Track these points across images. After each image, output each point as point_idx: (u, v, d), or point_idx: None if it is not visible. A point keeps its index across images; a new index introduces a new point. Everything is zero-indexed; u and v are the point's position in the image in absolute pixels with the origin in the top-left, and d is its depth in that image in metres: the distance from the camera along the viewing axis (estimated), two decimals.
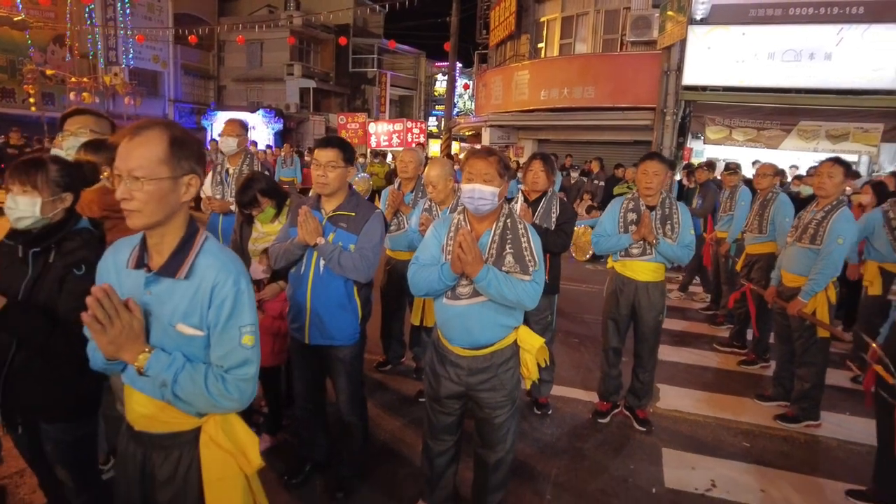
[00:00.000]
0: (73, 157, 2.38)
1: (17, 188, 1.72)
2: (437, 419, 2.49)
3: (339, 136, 3.18)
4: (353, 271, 2.52)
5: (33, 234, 1.78)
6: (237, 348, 1.36)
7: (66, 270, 1.74)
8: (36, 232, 1.78)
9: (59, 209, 1.80)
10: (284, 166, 12.02)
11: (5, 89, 23.58)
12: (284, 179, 11.41)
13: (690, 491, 3.05)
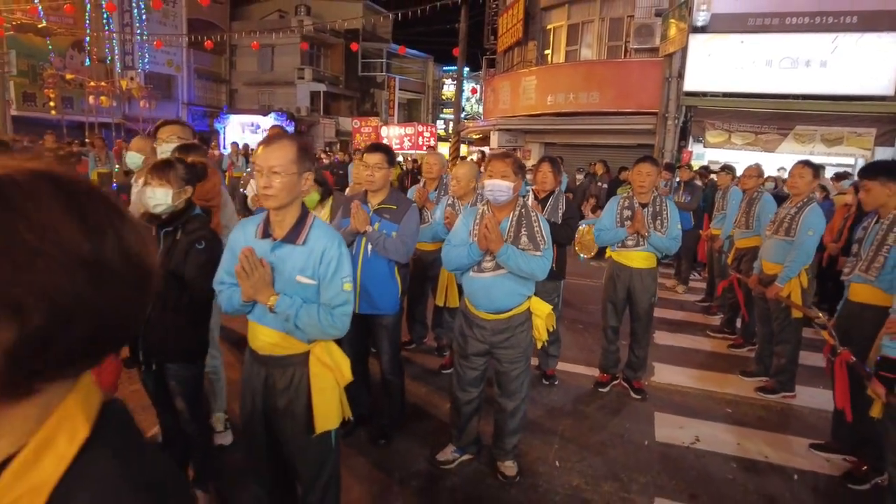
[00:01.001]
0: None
1: (155, 182, 2.28)
2: (464, 373, 3.05)
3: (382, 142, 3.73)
4: (395, 253, 3.08)
5: (164, 218, 2.35)
6: (341, 292, 1.92)
7: (190, 245, 2.30)
8: (166, 216, 2.35)
9: (183, 199, 2.37)
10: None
11: (27, 93, 24.18)
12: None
13: (678, 444, 3.59)
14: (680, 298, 7.40)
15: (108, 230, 0.56)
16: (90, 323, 0.54)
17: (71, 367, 0.56)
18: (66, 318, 0.52)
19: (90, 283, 0.53)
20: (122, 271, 0.56)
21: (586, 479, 3.14)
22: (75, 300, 0.52)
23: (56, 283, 0.51)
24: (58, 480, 0.55)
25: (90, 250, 0.53)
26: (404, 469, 3.12)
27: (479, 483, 3.05)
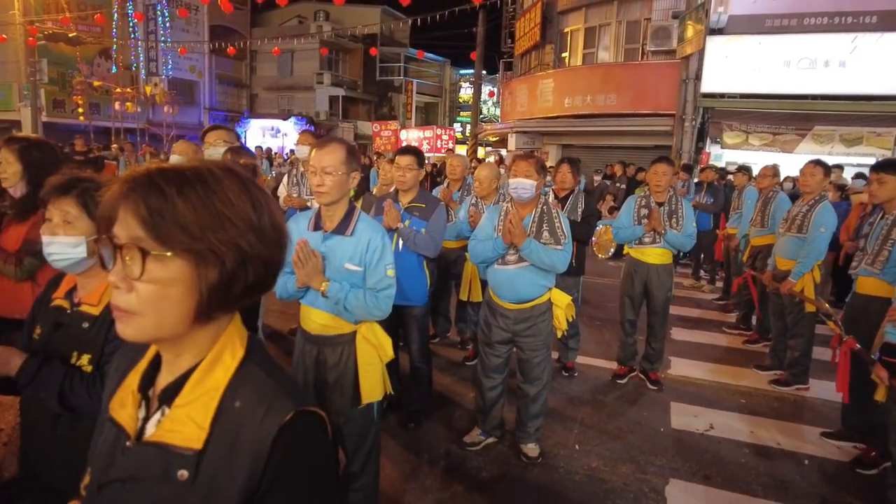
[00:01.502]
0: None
1: None
2: (489, 360, 3.26)
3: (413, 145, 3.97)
4: (424, 248, 3.30)
5: None
6: (384, 277, 2.16)
7: None
8: None
9: None
10: None
11: (57, 100, 24.89)
12: None
13: (692, 431, 3.76)
14: (697, 296, 7.53)
15: (264, 206, 0.79)
16: (256, 269, 0.78)
17: (237, 302, 0.80)
18: (244, 264, 0.76)
19: (257, 241, 0.77)
20: (271, 234, 0.80)
21: (604, 461, 3.32)
22: (250, 252, 0.76)
23: (240, 239, 0.75)
24: (226, 384, 0.79)
25: (256, 219, 0.77)
26: (433, 450, 3.34)
27: (503, 463, 3.25)
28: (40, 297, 1.56)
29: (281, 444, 0.76)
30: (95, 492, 0.82)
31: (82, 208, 1.41)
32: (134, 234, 0.72)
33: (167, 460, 0.77)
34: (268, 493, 0.76)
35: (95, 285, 1.46)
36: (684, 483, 3.15)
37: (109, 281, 0.74)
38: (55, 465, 1.46)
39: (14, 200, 2.63)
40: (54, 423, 1.43)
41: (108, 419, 0.86)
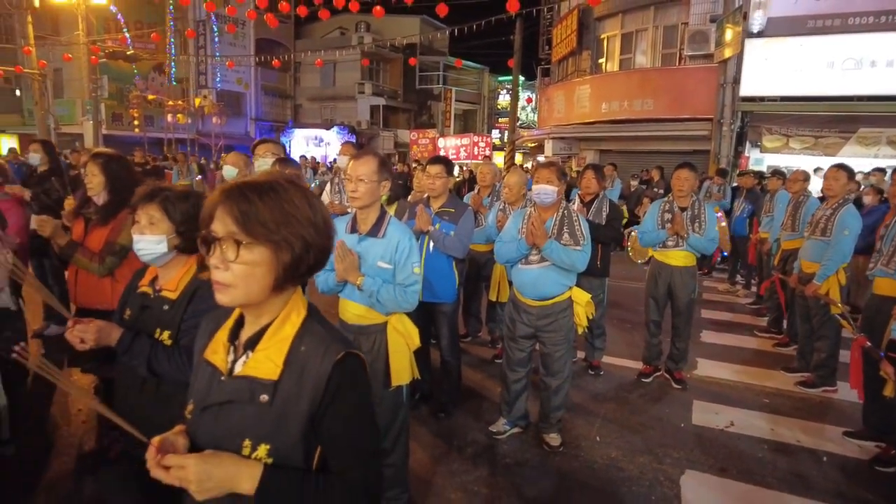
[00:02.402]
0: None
1: None
2: (513, 354, 3.50)
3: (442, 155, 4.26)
4: (453, 250, 3.57)
5: None
6: (411, 274, 2.43)
7: None
8: None
9: None
10: None
11: (115, 114, 26.29)
12: None
13: (713, 427, 3.89)
14: (731, 300, 7.54)
15: (317, 207, 1.09)
16: (315, 254, 1.08)
17: (302, 278, 1.11)
18: (307, 250, 1.06)
19: (315, 233, 1.07)
20: (324, 228, 1.11)
21: (623, 452, 3.51)
22: (310, 241, 1.06)
23: (303, 232, 1.05)
24: (294, 335, 1.08)
25: (313, 216, 1.07)
26: (462, 438, 3.59)
27: (527, 451, 3.48)
28: (129, 286, 1.90)
29: (335, 375, 1.07)
30: (199, 413, 1.13)
31: (164, 212, 1.73)
32: (230, 229, 1.02)
33: (252, 388, 1.08)
34: (327, 410, 1.07)
35: (173, 275, 1.78)
36: (699, 474, 3.30)
37: (210, 263, 1.04)
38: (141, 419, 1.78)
39: (97, 207, 3.03)
40: (142, 386, 1.76)
41: (203, 362, 1.16)
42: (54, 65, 23.26)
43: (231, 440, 1.07)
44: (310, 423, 1.07)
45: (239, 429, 1.07)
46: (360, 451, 1.13)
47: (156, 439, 1.07)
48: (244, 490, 1.02)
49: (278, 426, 1.07)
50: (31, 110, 24.93)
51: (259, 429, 1.07)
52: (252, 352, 1.11)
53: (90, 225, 3.03)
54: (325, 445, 1.10)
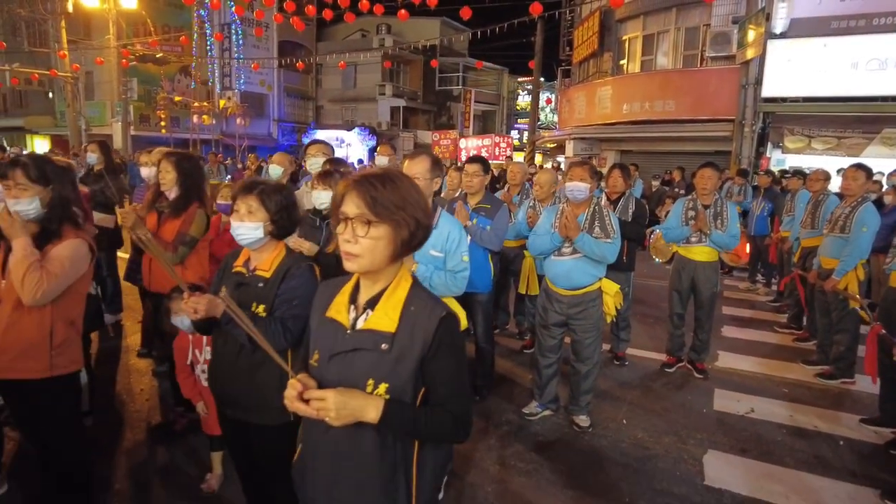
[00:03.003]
0: (316, 171, 3.85)
1: (321, 187, 3.15)
2: (545, 341, 3.75)
3: (480, 155, 4.52)
4: (489, 243, 3.83)
5: (324, 213, 3.21)
6: (460, 262, 2.70)
7: None
8: (327, 212, 3.21)
9: None
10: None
11: (143, 115, 26.97)
12: None
13: (733, 413, 4.10)
14: (752, 298, 7.69)
15: (422, 193, 1.35)
16: (424, 231, 1.34)
17: (412, 251, 1.37)
18: (418, 228, 1.33)
19: (423, 214, 1.34)
20: (428, 210, 1.37)
21: (648, 433, 3.74)
22: (421, 221, 1.33)
23: (416, 214, 1.32)
24: (405, 297, 1.36)
25: (421, 201, 1.34)
26: (496, 418, 3.85)
27: (557, 431, 3.73)
28: (223, 267, 2.19)
29: (439, 330, 1.34)
30: (326, 361, 1.40)
31: (261, 203, 2.01)
32: (360, 211, 1.29)
33: (375, 339, 1.35)
34: (434, 355, 1.35)
35: (265, 257, 2.07)
36: (721, 454, 3.52)
37: (341, 237, 1.31)
38: (235, 382, 2.07)
39: (169, 201, 3.35)
40: (238, 353, 2.04)
41: (326, 320, 1.44)
42: (85, 68, 23.92)
43: (357, 380, 1.34)
44: (419, 367, 1.35)
45: (364, 371, 1.35)
46: (458, 389, 1.40)
47: (300, 377, 1.34)
48: (370, 418, 1.29)
49: (395, 369, 1.34)
50: (64, 112, 25.67)
51: (380, 371, 1.34)
52: (372, 311, 1.38)
53: (163, 217, 3.35)
54: (430, 384, 1.37)
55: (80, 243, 2.39)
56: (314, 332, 1.49)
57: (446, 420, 1.37)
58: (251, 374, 2.05)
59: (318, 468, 1.44)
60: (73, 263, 2.33)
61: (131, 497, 2.93)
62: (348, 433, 1.34)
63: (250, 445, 2.20)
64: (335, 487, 1.41)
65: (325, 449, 1.42)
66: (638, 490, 3.10)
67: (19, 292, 2.17)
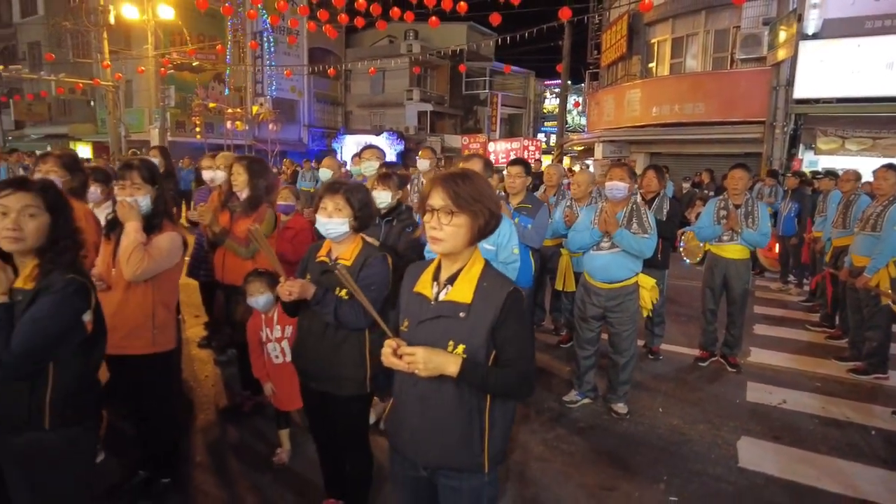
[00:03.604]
0: (370, 174, 4.16)
1: (380, 188, 3.43)
2: (583, 334, 3.98)
3: (521, 157, 4.77)
4: (531, 240, 4.07)
5: (383, 212, 3.50)
6: (511, 255, 2.97)
7: (402, 229, 3.43)
8: (385, 211, 3.50)
9: (396, 199, 3.52)
10: (304, 179, 13.46)
11: (178, 121, 27.83)
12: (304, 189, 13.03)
13: (766, 403, 4.27)
14: (782, 298, 7.77)
15: (493, 190, 1.62)
16: (494, 222, 1.61)
17: (483, 237, 1.63)
18: (490, 218, 1.59)
19: (496, 206, 1.60)
20: (499, 203, 1.62)
21: (683, 420, 3.93)
22: (493, 212, 1.60)
23: (489, 206, 1.59)
24: (479, 275, 1.62)
25: (494, 195, 1.60)
26: (538, 405, 4.08)
27: (597, 417, 3.95)
28: (306, 257, 2.48)
29: (507, 301, 1.60)
30: (415, 326, 1.67)
31: (346, 201, 2.30)
32: (444, 203, 1.56)
33: (454, 308, 1.62)
34: (503, 323, 1.60)
35: (346, 248, 2.35)
36: (755, 440, 3.70)
37: (428, 225, 1.58)
38: (320, 358, 2.36)
39: (240, 201, 3.68)
40: (324, 331, 2.33)
41: (414, 294, 1.71)
42: (125, 76, 24.81)
43: (440, 342, 1.60)
44: (491, 332, 1.60)
45: (445, 334, 1.62)
46: (524, 350, 1.66)
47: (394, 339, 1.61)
48: (450, 372, 1.55)
49: (471, 333, 1.60)
50: (104, 119, 26.56)
51: (458, 334, 1.61)
52: (451, 286, 1.65)
53: (235, 216, 3.68)
54: (499, 348, 1.62)
55: (177, 236, 2.72)
56: (404, 304, 1.76)
57: (512, 377, 1.62)
58: (334, 351, 2.34)
59: (408, 415, 1.71)
60: (169, 252, 2.67)
61: (212, 469, 3.24)
62: (433, 385, 1.61)
63: (329, 415, 2.48)
64: (422, 431, 1.68)
65: (413, 398, 1.69)
66: (675, 470, 3.31)
67: (123, 268, 2.52)
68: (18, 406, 1.76)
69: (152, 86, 24.24)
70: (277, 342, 3.14)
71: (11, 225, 1.74)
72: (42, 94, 27.64)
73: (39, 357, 1.74)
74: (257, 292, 3.07)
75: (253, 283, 3.09)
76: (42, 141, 30.78)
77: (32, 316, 1.71)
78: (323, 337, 2.34)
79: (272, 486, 3.06)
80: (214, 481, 3.11)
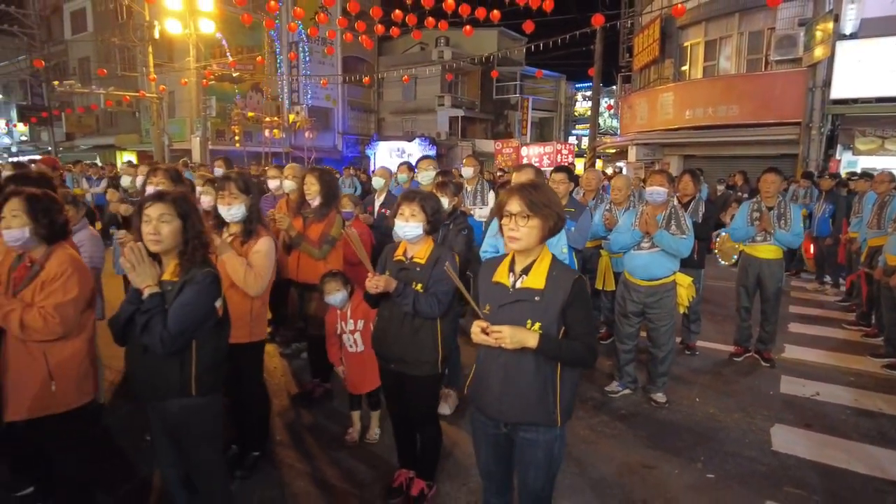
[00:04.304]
0: (426, 183, 4.55)
1: (439, 195, 3.81)
2: (623, 329, 4.29)
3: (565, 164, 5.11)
4: (574, 242, 4.39)
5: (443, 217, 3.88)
6: (560, 252, 3.30)
7: (458, 232, 3.80)
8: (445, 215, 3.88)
9: (452, 204, 3.89)
10: (343, 186, 13.89)
11: (219, 130, 28.80)
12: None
13: (799, 395, 4.49)
14: (818, 298, 7.89)
15: (557, 196, 1.98)
16: (560, 223, 1.97)
17: (551, 236, 1.99)
18: (557, 220, 1.97)
19: (561, 211, 1.98)
20: (562, 208, 1.98)
21: (719, 409, 4.20)
22: (560, 215, 1.98)
23: (557, 210, 1.97)
24: (548, 266, 2.00)
25: (558, 201, 1.98)
26: (582, 395, 4.38)
27: (637, 406, 4.25)
28: (383, 257, 2.87)
29: (574, 287, 1.96)
30: (497, 309, 2.03)
31: (421, 208, 2.68)
32: (521, 208, 1.92)
33: (530, 293, 1.98)
34: (571, 304, 1.95)
35: (420, 248, 2.73)
36: (787, 427, 3.95)
37: (507, 227, 1.94)
38: (399, 342, 2.75)
39: (312, 208, 4.10)
40: (402, 320, 2.72)
41: (493, 283, 2.07)
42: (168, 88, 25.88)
43: (520, 321, 1.96)
44: (561, 312, 1.96)
45: (524, 315, 1.98)
46: (589, 327, 2.02)
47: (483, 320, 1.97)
48: (531, 344, 1.91)
49: (545, 313, 1.96)
50: (149, 129, 27.69)
51: (535, 315, 1.97)
52: (526, 276, 2.02)
53: (307, 221, 4.10)
54: (569, 324, 1.98)
55: (270, 239, 3.15)
56: (483, 292, 2.12)
57: (580, 349, 1.98)
58: (412, 337, 2.72)
59: (492, 382, 2.07)
60: (268, 257, 3.10)
61: (292, 446, 3.66)
62: (515, 356, 1.97)
63: (405, 393, 2.87)
64: (505, 394, 2.04)
65: (497, 367, 2.05)
66: (711, 452, 3.59)
67: (245, 288, 2.98)
68: (172, 378, 2.19)
69: (194, 96, 25.24)
70: (351, 334, 3.54)
71: (152, 230, 2.17)
72: (92, 107, 29.03)
73: (188, 336, 2.17)
74: (334, 290, 3.48)
75: (329, 283, 3.50)
76: (91, 151, 32.28)
77: (181, 302, 2.14)
78: (402, 325, 2.72)
79: (348, 460, 3.46)
80: (296, 456, 3.53)
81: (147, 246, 2.18)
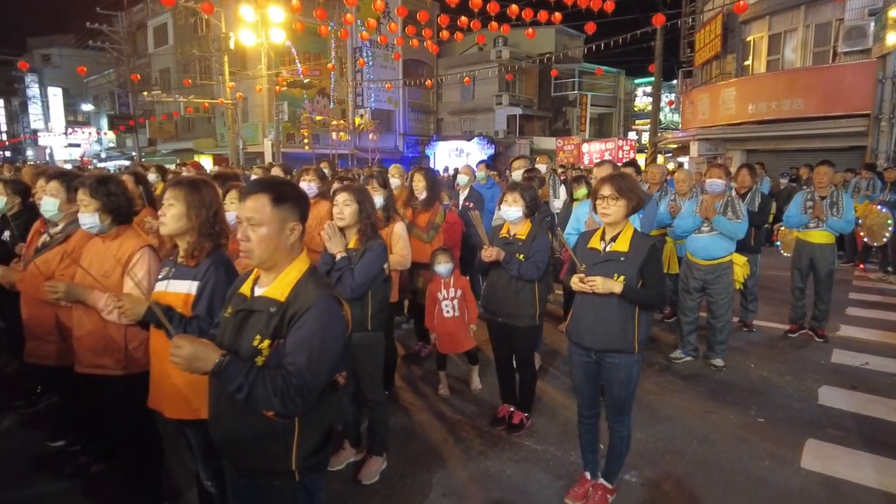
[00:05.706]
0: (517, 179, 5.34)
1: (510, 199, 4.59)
2: (686, 302, 4.95)
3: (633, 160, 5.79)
4: (643, 228, 5.00)
5: None
6: None
7: (542, 219, 4.58)
8: None
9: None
10: None
11: (289, 134, 30.41)
12: None
13: (848, 364, 5.01)
14: (880, 286, 8.16)
15: (638, 183, 2.75)
16: (641, 203, 2.74)
17: (634, 213, 2.76)
18: (639, 201, 2.76)
19: (642, 194, 2.77)
20: (642, 192, 2.75)
21: (772, 373, 4.80)
22: (642, 197, 2.76)
23: (639, 193, 2.77)
24: (630, 237, 2.76)
25: (640, 187, 2.75)
26: (648, 360, 5.06)
27: (698, 369, 4.90)
28: (491, 236, 3.68)
29: (651, 250, 2.72)
30: (591, 267, 2.80)
31: (521, 196, 3.47)
32: (611, 192, 2.70)
33: (617, 255, 2.76)
34: (647, 263, 2.71)
35: (521, 228, 3.52)
36: (834, 387, 4.51)
37: (600, 206, 2.72)
38: (506, 299, 3.56)
39: (419, 200, 4.96)
40: (508, 281, 3.52)
41: (588, 249, 2.85)
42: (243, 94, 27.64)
43: (608, 275, 2.71)
44: (640, 269, 2.70)
45: (612, 270, 2.72)
46: (660, 279, 2.75)
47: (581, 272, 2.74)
48: (616, 291, 2.66)
49: (628, 269, 2.70)
50: (223, 134, 29.61)
51: (620, 270, 2.71)
52: (614, 242, 2.77)
53: (416, 211, 4.97)
54: (645, 277, 2.71)
55: (402, 224, 4.02)
56: (580, 254, 2.89)
57: (653, 294, 2.72)
58: (515, 295, 3.52)
59: (586, 320, 2.83)
60: (403, 237, 3.97)
61: (410, 391, 4.53)
62: (603, 299, 2.73)
63: (510, 341, 3.67)
64: (596, 328, 2.79)
65: (590, 308, 2.81)
66: (763, 405, 4.22)
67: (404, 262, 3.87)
68: (359, 315, 3.07)
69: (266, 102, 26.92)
70: (451, 301, 4.37)
71: (339, 212, 3.06)
72: (174, 114, 31.35)
73: (368, 286, 3.05)
74: (444, 262, 4.32)
75: (440, 255, 4.34)
76: (171, 155, 34.68)
77: (364, 262, 3.02)
78: (507, 286, 3.53)
79: (455, 400, 4.30)
80: (414, 398, 4.40)
81: (336, 223, 3.08)
